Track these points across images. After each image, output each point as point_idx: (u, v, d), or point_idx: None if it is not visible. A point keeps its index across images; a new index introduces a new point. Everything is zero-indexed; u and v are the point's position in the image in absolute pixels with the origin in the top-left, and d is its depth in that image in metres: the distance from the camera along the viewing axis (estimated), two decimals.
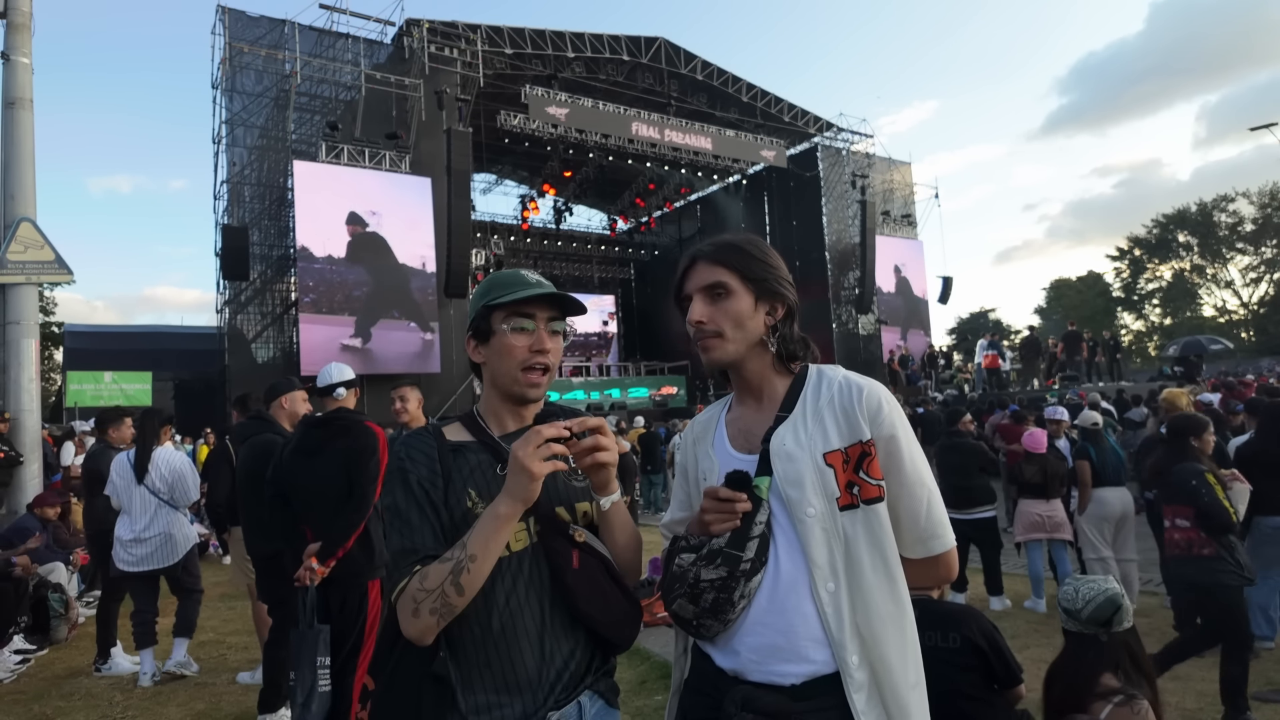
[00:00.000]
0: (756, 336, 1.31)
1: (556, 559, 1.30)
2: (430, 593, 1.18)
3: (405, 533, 1.25)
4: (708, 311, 1.31)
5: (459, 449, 1.33)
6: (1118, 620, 2.21)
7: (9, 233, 7.05)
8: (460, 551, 1.20)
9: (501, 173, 26.65)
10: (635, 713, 3.83)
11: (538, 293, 1.35)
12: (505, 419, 1.40)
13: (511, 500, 1.21)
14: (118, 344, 18.69)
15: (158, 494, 4.61)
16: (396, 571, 1.24)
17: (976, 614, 2.46)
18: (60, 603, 5.45)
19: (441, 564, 1.20)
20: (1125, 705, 2.03)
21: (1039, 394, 15.56)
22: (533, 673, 1.27)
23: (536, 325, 1.36)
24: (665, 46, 20.52)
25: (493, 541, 1.21)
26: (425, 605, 1.18)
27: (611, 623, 1.32)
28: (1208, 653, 4.33)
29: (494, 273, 1.42)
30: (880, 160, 24.53)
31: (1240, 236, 42.68)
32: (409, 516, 1.26)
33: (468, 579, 1.19)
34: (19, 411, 6.97)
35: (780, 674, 1.19)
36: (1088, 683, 2.12)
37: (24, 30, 7.39)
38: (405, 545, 1.25)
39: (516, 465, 1.20)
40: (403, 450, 1.32)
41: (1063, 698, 2.18)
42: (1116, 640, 2.19)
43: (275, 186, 16.16)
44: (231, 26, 15.44)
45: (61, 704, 4.28)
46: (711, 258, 1.32)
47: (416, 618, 1.19)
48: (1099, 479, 5.32)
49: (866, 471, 1.23)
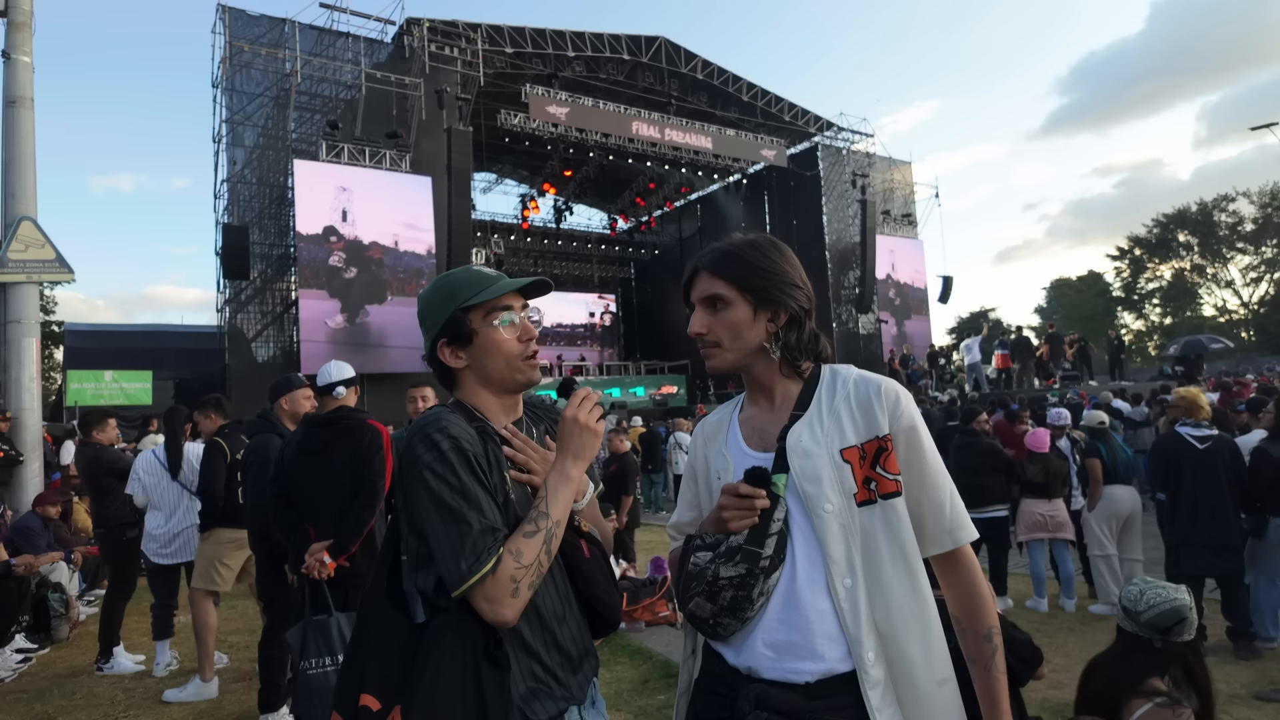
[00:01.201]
0: (756, 345, 1.31)
1: (569, 549, 1.33)
2: (528, 568, 1.18)
3: (478, 513, 1.18)
4: (706, 322, 1.32)
5: (482, 431, 1.30)
6: (1178, 631, 2.13)
7: (10, 231, 7.04)
8: (545, 520, 1.21)
9: (502, 172, 26.63)
10: (638, 712, 3.82)
11: (512, 286, 1.35)
12: (497, 414, 1.37)
13: (577, 460, 1.26)
14: (118, 343, 18.65)
15: (188, 487, 4.67)
16: (481, 556, 1.15)
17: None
18: (61, 602, 5.45)
19: (529, 537, 1.20)
20: (1167, 708, 1.95)
21: (1040, 394, 15.54)
22: (574, 654, 1.32)
23: (518, 315, 1.36)
24: (666, 46, 20.51)
25: (568, 503, 1.25)
26: (525, 581, 1.17)
27: (615, 606, 1.39)
28: (1210, 652, 4.36)
29: (449, 275, 1.40)
30: (880, 160, 24.53)
31: (1240, 236, 42.69)
32: (476, 495, 1.19)
33: (555, 545, 1.22)
34: (20, 410, 6.97)
35: (795, 671, 1.18)
36: (1131, 683, 2.06)
37: (25, 29, 7.38)
38: (484, 525, 1.18)
39: (578, 427, 1.26)
40: (450, 427, 1.23)
41: (1100, 692, 2.13)
42: (1173, 650, 2.12)
43: (275, 185, 16.15)
44: (232, 25, 15.42)
45: (63, 703, 4.27)
46: (710, 268, 1.33)
47: (516, 597, 1.16)
48: (1109, 476, 5.31)
49: (884, 467, 1.23)
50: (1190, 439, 4.66)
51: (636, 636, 5.12)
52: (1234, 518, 4.49)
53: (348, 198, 15.81)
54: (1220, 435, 4.69)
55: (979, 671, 1.24)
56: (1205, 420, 4.76)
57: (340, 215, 15.73)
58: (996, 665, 1.24)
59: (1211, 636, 4.47)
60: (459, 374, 1.38)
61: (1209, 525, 4.47)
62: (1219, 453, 4.57)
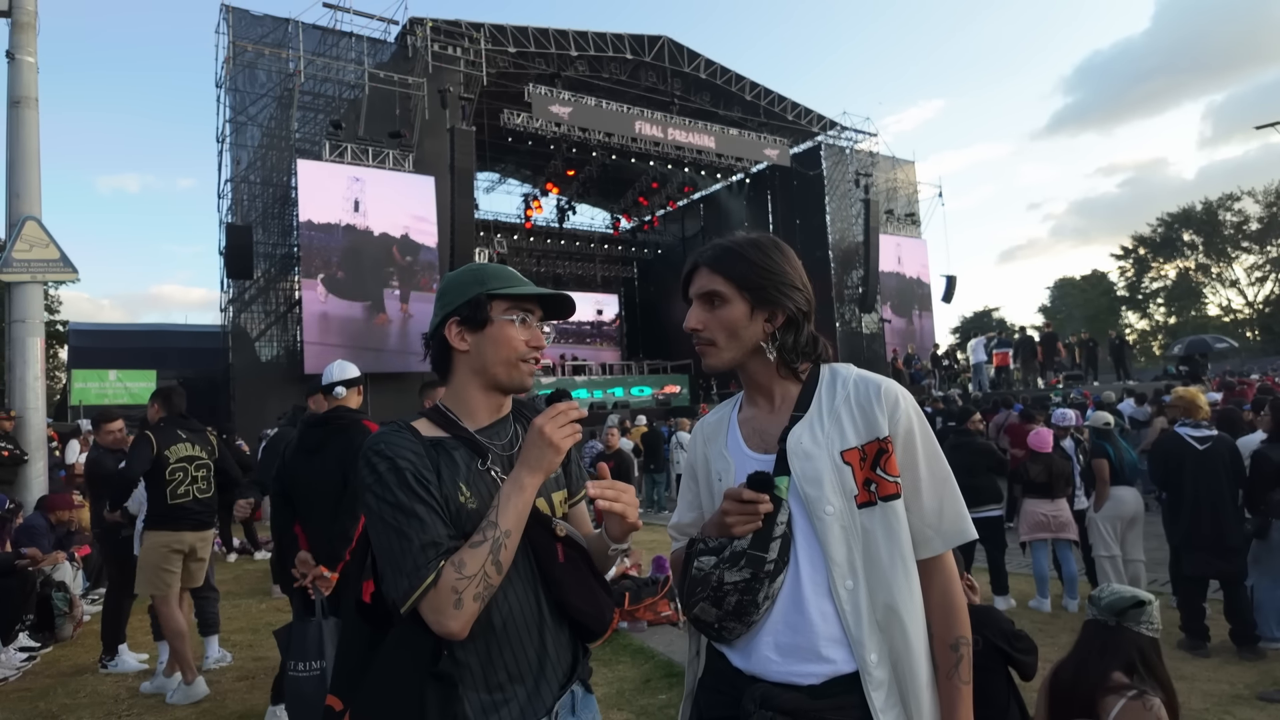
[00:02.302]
0: (753, 344, 1.31)
1: (542, 553, 1.30)
2: (471, 579, 1.15)
3: (418, 528, 1.18)
4: (703, 319, 1.32)
5: (437, 444, 1.28)
6: (1133, 616, 2.19)
7: (14, 231, 7.07)
8: (493, 530, 1.18)
9: (505, 172, 26.66)
10: (640, 711, 3.82)
11: (544, 292, 1.36)
12: (479, 411, 1.36)
13: (533, 471, 1.22)
14: (122, 342, 18.72)
15: None
16: (419, 570, 1.16)
17: (996, 614, 2.45)
18: (64, 601, 5.47)
19: (474, 548, 1.17)
20: (1137, 700, 2.01)
21: (1043, 393, 15.51)
22: (534, 664, 1.28)
23: (533, 321, 1.37)
24: (669, 45, 20.50)
25: (521, 514, 1.21)
26: (468, 592, 1.14)
27: (595, 613, 1.35)
28: (1214, 653, 4.35)
29: (482, 264, 1.41)
30: (884, 159, 24.50)
31: (1245, 235, 42.55)
32: (415, 511, 1.19)
33: (505, 555, 1.18)
34: (24, 409, 7.00)
35: (799, 674, 1.18)
36: (1098, 674, 2.11)
37: (29, 29, 7.41)
38: (424, 540, 1.17)
39: (541, 439, 1.21)
40: (384, 448, 1.23)
41: (1072, 684, 2.17)
42: (1128, 636, 2.17)
43: (279, 185, 16.19)
44: (235, 25, 15.45)
45: (67, 701, 4.29)
46: (709, 264, 1.32)
47: (459, 609, 1.14)
48: (1115, 478, 5.30)
49: (884, 469, 1.22)
50: (1190, 439, 4.65)
51: (639, 636, 5.12)
52: (1234, 519, 4.48)
53: (360, 188, 15.89)
54: (1220, 436, 4.67)
55: (941, 679, 1.22)
56: (1205, 420, 4.74)
57: (352, 205, 15.78)
58: (960, 675, 1.22)
59: (1215, 638, 4.47)
60: (456, 359, 1.36)
61: (1209, 527, 4.46)
62: (1219, 453, 4.56)
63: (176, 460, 4.24)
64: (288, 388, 15.13)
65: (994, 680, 2.28)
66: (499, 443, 1.35)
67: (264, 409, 14.49)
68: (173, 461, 4.23)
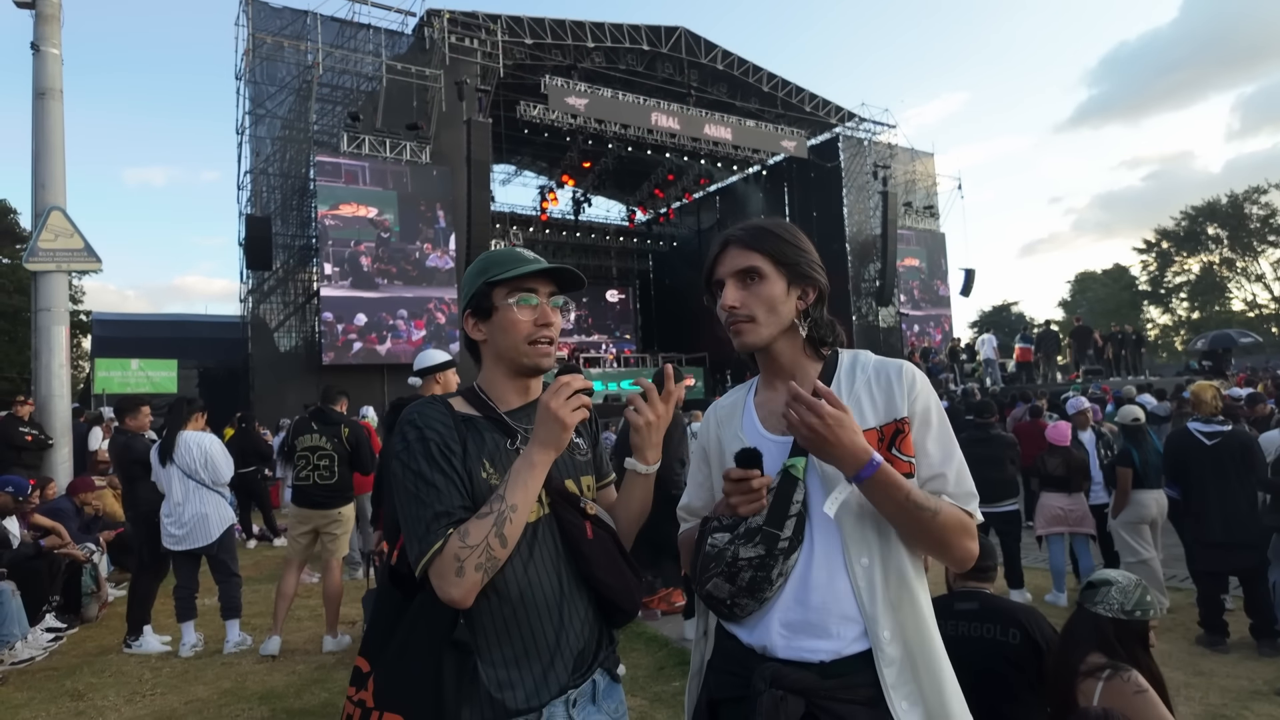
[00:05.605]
0: (788, 320, 1.31)
1: (571, 530, 1.32)
2: (474, 548, 1.17)
3: (434, 497, 1.22)
4: (740, 296, 1.31)
5: (469, 421, 1.33)
6: (1088, 597, 2.24)
7: (40, 221, 7.18)
8: (499, 503, 1.20)
9: (521, 164, 26.68)
10: (654, 698, 3.85)
11: (538, 268, 1.36)
12: (507, 395, 1.39)
13: (544, 448, 1.24)
14: (144, 332, 19.02)
15: (192, 475, 4.76)
16: (429, 536, 1.20)
17: (1040, 616, 2.45)
18: (92, 577, 5.62)
19: (480, 519, 1.19)
20: (1115, 677, 2.01)
21: (1062, 388, 15.34)
22: (552, 641, 1.29)
23: (539, 300, 1.37)
24: (685, 36, 20.41)
25: (530, 490, 1.23)
26: (470, 562, 1.17)
27: (623, 589, 1.36)
28: (1233, 649, 4.31)
29: (490, 251, 1.43)
30: (903, 151, 24.27)
31: (1272, 229, 41.73)
32: (434, 480, 1.23)
33: (510, 529, 1.20)
34: (49, 396, 7.12)
35: (810, 650, 1.19)
36: (1076, 659, 2.11)
37: (53, 21, 7.50)
38: (437, 509, 1.21)
39: (548, 415, 1.23)
40: (417, 419, 1.29)
41: (1055, 670, 2.19)
42: (1088, 618, 2.19)
43: (297, 177, 16.32)
44: (255, 18, 15.58)
45: (93, 680, 4.38)
46: (744, 242, 1.32)
47: (461, 577, 1.16)
48: (1139, 481, 5.08)
49: (900, 449, 1.23)
50: (1199, 435, 4.60)
51: (652, 624, 5.15)
52: (1247, 514, 4.43)
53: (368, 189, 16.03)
54: (1231, 431, 4.60)
55: None
56: (1216, 416, 4.68)
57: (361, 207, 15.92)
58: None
59: (1235, 633, 4.43)
60: (481, 348, 1.42)
61: (1220, 522, 4.42)
62: (1228, 449, 4.50)
63: (302, 449, 4.88)
64: (306, 377, 15.30)
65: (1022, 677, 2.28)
66: (528, 425, 1.36)
67: (283, 398, 14.65)
68: (300, 450, 4.88)
